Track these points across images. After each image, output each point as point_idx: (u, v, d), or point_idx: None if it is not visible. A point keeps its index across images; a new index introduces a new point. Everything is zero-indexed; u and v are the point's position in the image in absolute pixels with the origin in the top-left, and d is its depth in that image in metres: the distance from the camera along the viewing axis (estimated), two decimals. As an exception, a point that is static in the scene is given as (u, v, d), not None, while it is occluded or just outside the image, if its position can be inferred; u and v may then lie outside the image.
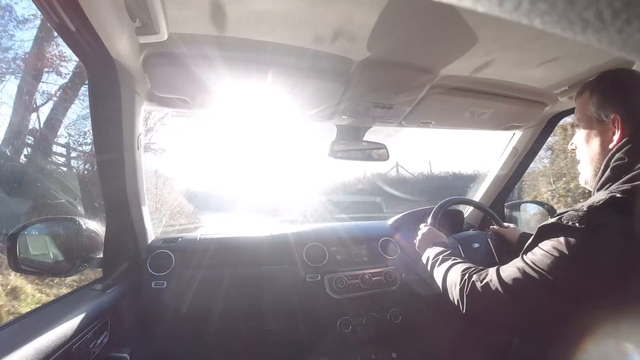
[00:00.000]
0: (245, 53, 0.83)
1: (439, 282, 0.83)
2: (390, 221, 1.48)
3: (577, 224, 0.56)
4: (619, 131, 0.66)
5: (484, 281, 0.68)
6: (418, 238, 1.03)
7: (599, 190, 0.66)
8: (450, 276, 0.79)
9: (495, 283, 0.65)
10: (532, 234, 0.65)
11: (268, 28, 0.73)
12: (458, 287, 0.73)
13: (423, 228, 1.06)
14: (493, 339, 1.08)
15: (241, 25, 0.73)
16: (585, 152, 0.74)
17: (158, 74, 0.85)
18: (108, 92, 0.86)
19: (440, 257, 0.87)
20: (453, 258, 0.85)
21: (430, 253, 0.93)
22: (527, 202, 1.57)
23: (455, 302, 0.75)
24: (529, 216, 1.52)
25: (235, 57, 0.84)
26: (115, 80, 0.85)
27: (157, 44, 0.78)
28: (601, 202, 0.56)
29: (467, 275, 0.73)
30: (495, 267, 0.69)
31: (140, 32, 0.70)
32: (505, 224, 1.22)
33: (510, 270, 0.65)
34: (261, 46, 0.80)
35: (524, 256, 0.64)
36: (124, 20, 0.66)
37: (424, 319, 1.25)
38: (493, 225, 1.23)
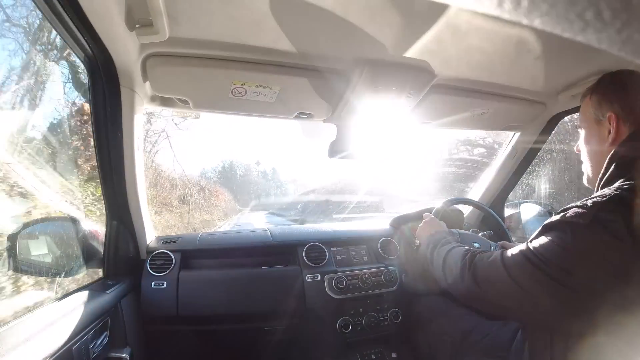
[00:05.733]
0: (245, 54, 0.83)
1: (438, 263, 0.81)
2: (390, 221, 1.48)
3: (581, 220, 0.56)
4: (615, 129, 0.67)
5: (489, 260, 0.67)
6: (420, 225, 1.02)
7: (602, 188, 0.66)
8: (450, 257, 0.78)
9: (499, 265, 0.65)
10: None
11: (267, 29, 0.73)
12: (459, 265, 0.72)
13: (426, 217, 1.05)
14: (494, 339, 1.08)
15: (241, 27, 0.73)
16: (586, 152, 0.76)
17: (158, 74, 0.85)
18: (108, 92, 0.86)
19: (442, 240, 0.87)
20: (456, 243, 0.84)
21: (431, 238, 0.92)
22: (527, 202, 1.57)
23: (453, 282, 0.73)
24: (529, 216, 1.52)
25: (235, 58, 0.84)
26: (115, 80, 0.85)
27: (157, 44, 0.78)
28: (605, 198, 0.57)
29: (469, 255, 0.72)
30: (500, 250, 0.69)
31: (140, 33, 0.70)
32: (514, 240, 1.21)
33: (516, 255, 0.64)
34: (261, 47, 0.80)
35: (530, 243, 0.64)
36: (124, 21, 0.67)
37: (424, 319, 1.25)
38: (502, 241, 1.21)
